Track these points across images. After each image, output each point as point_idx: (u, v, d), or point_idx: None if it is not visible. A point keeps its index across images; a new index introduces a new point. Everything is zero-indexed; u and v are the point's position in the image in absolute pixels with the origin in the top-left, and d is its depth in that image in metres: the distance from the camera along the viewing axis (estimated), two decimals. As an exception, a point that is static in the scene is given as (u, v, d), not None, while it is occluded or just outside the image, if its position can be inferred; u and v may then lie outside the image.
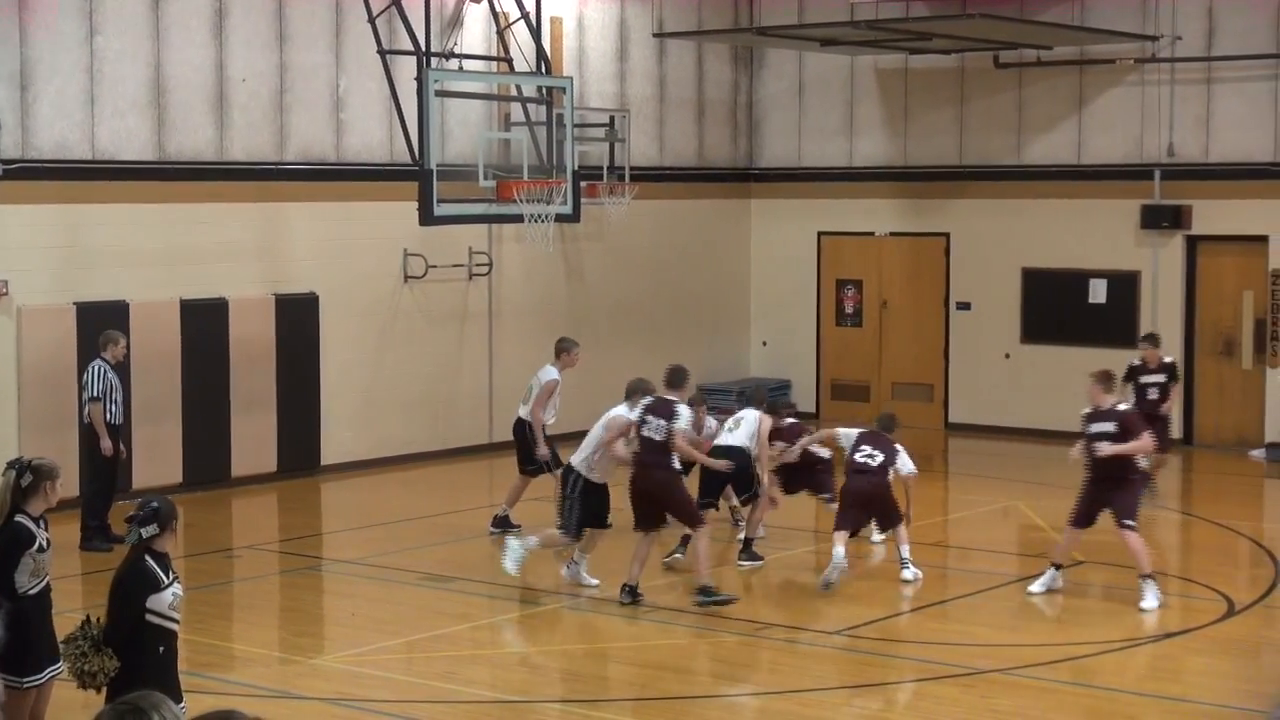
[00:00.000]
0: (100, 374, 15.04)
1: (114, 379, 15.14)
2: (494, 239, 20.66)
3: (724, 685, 11.27)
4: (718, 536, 14.83)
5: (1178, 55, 21.00)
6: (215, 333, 17.93)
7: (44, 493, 8.54)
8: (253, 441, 18.33)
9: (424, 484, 18.88)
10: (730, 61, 23.90)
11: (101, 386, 15.01)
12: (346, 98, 19.10)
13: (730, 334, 24.12)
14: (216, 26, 17.95)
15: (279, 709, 10.38)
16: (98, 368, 15.07)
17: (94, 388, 15.00)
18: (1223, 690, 11.00)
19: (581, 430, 21.72)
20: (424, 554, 15.02)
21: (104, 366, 15.08)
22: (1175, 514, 17.85)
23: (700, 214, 23.51)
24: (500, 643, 12.53)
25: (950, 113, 22.68)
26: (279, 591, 14.22)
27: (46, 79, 16.63)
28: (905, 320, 23.26)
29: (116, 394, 15.15)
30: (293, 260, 18.73)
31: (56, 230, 16.80)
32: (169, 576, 7.64)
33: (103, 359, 15.12)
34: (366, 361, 19.54)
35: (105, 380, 15.05)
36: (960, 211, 22.66)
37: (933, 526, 16.54)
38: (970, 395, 22.71)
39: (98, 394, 14.99)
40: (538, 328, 21.34)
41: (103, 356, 15.13)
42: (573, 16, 21.48)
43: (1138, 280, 21.45)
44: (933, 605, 13.34)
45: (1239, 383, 21.05)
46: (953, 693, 10.82)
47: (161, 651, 7.52)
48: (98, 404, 14.99)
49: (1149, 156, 21.32)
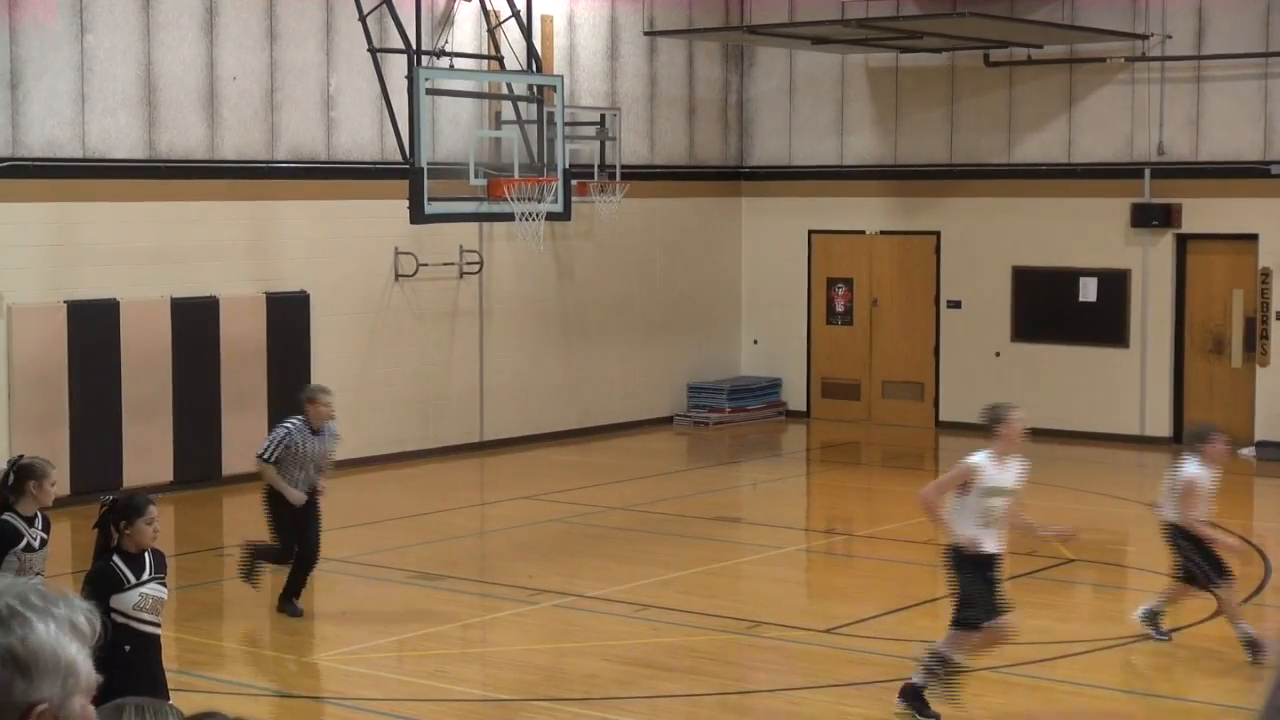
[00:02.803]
0: (283, 439, 12.57)
1: (302, 441, 12.55)
2: (485, 237, 20.65)
3: (714, 683, 11.27)
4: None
5: (1167, 54, 21.02)
6: (206, 331, 17.91)
7: (30, 492, 8.54)
8: (244, 440, 18.26)
9: (414, 482, 18.87)
10: (721, 60, 23.90)
11: (274, 451, 12.56)
12: (337, 96, 19.09)
13: (721, 332, 24.13)
14: (207, 24, 17.93)
15: (269, 707, 10.38)
16: (288, 432, 12.62)
17: (270, 449, 12.60)
18: (1212, 689, 11.02)
19: (571, 430, 21.89)
20: (414, 552, 15.02)
21: (295, 428, 12.61)
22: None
23: (691, 212, 23.51)
24: (490, 641, 12.53)
25: (941, 111, 22.70)
26: (269, 590, 14.21)
27: (36, 77, 16.61)
28: (896, 318, 23.27)
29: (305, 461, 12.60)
30: (283, 258, 18.71)
31: (47, 229, 16.78)
32: (140, 577, 7.62)
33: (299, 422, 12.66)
34: (357, 360, 19.53)
35: (290, 444, 12.56)
36: (951, 210, 22.68)
37: (923, 525, 16.54)
38: (961, 394, 22.71)
39: (269, 455, 12.57)
40: (529, 326, 21.36)
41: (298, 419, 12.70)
42: (563, 15, 21.47)
43: (1128, 279, 21.47)
44: (924, 603, 13.35)
45: (1229, 381, 21.08)
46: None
47: (128, 650, 7.49)
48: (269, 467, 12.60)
49: (1139, 155, 21.34)
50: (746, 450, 22.05)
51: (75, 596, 2.57)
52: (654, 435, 22.30)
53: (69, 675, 2.50)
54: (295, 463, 12.53)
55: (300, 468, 12.55)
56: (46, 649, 2.48)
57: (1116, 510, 17.43)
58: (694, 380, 23.45)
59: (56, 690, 2.49)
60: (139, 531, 7.68)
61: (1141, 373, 21.34)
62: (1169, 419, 21.19)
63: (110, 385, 17.10)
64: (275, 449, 12.51)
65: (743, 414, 23.20)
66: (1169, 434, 21.12)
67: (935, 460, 21.47)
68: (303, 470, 12.56)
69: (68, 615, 2.53)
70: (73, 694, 2.51)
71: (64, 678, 2.50)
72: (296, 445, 12.50)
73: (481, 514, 16.18)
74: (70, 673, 2.51)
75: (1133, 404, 21.39)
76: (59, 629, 2.50)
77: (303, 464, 12.55)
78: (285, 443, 12.49)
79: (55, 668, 2.49)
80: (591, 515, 16.70)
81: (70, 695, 2.51)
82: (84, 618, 2.55)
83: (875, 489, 19.59)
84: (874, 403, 23.40)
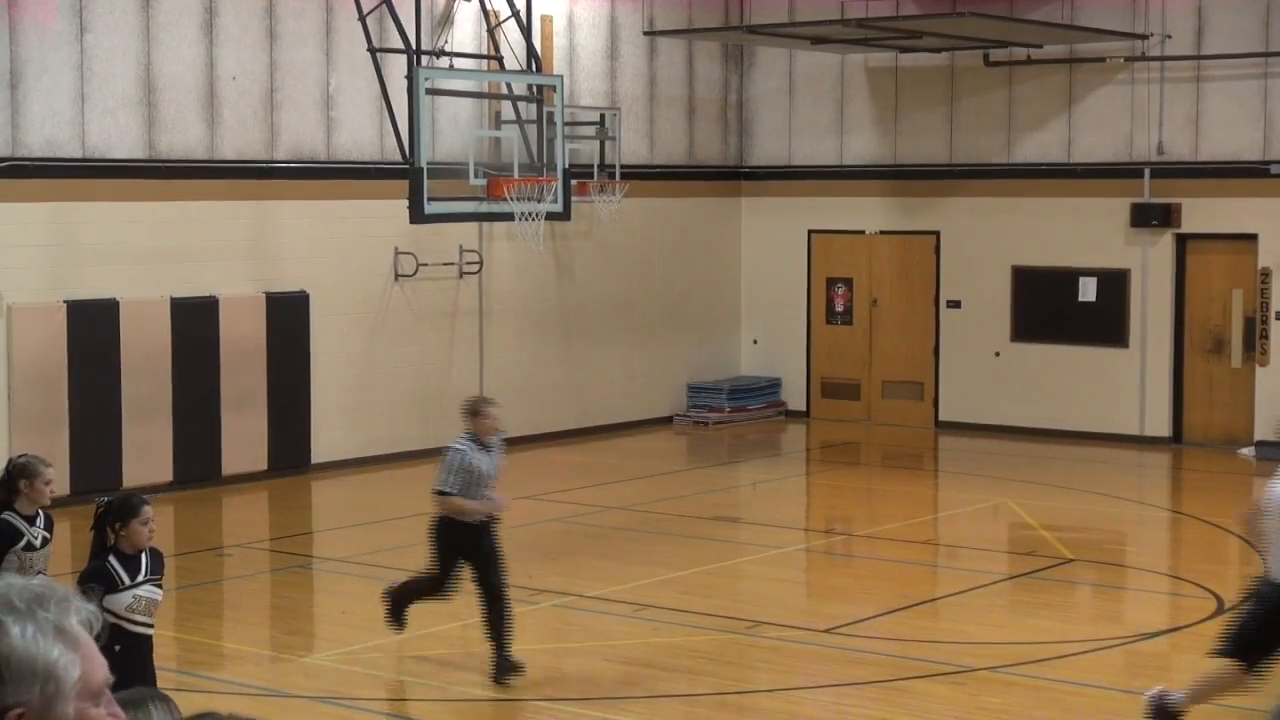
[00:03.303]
0: (460, 464, 11.11)
1: (474, 461, 11.10)
2: (484, 237, 20.65)
3: (714, 683, 11.27)
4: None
5: (1167, 54, 21.03)
6: (206, 331, 17.92)
7: (22, 491, 8.54)
8: (243, 440, 18.32)
9: (414, 482, 18.83)
10: (721, 60, 23.90)
11: (456, 478, 11.10)
12: (337, 96, 19.09)
13: (720, 332, 24.13)
14: (207, 24, 17.93)
15: (269, 708, 10.38)
16: (463, 454, 11.15)
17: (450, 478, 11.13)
18: (1212, 688, 11.01)
19: (571, 429, 21.88)
20: (414, 552, 14.98)
21: (468, 449, 11.16)
22: (1165, 512, 17.89)
23: (691, 212, 23.52)
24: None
25: (940, 111, 22.70)
26: (269, 590, 14.22)
27: (36, 77, 16.62)
28: (895, 318, 23.27)
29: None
30: (283, 258, 18.71)
31: (46, 228, 16.78)
32: (136, 578, 7.63)
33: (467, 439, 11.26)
34: (357, 360, 19.53)
35: (468, 466, 11.11)
36: (950, 210, 22.68)
37: (922, 524, 16.56)
38: (960, 393, 22.73)
39: (452, 487, 11.10)
40: (528, 326, 21.36)
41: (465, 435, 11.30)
42: (563, 15, 21.47)
43: (1127, 278, 21.47)
44: (923, 603, 13.36)
45: (1228, 381, 21.08)
46: (943, 690, 10.83)
47: (118, 650, 7.50)
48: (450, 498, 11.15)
49: (1139, 155, 21.34)
50: (746, 450, 22.05)
51: (77, 597, 2.54)
52: (654, 435, 22.30)
53: (49, 679, 2.45)
54: (473, 486, 11.14)
55: (478, 490, 11.16)
56: (19, 653, 2.44)
57: (1116, 510, 17.43)
58: (694, 380, 23.45)
59: (34, 695, 2.44)
60: (134, 532, 7.69)
61: (1141, 373, 21.34)
62: (1168, 419, 21.19)
63: (110, 385, 17.10)
64: (455, 477, 11.09)
65: (742, 414, 23.20)
66: (1168, 434, 21.15)
67: (935, 460, 21.48)
68: (479, 491, 11.17)
69: (54, 619, 2.48)
70: (55, 698, 2.46)
71: (43, 682, 2.45)
72: (474, 467, 11.13)
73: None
74: (50, 677, 2.45)
75: (1132, 404, 21.40)
76: (39, 633, 2.46)
77: (480, 485, 11.17)
78: (464, 467, 11.09)
79: (31, 672, 2.44)
80: (591, 515, 16.70)
81: (53, 700, 2.46)
82: (75, 620, 2.51)
83: (875, 489, 19.59)
84: (874, 403, 23.40)
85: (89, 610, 2.55)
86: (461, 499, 11.09)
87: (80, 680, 2.49)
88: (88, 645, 2.52)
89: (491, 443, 11.33)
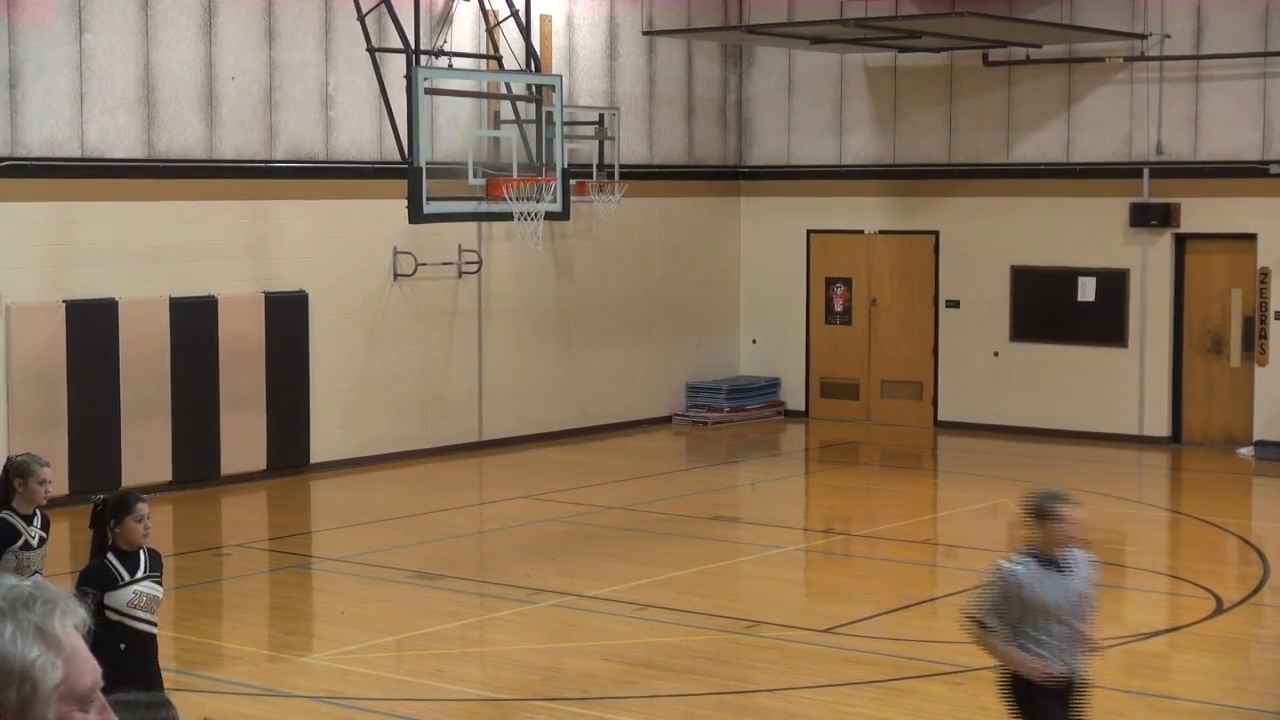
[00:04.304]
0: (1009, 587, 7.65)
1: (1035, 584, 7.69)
2: (483, 237, 20.65)
3: (713, 683, 11.27)
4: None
5: (1166, 54, 21.03)
6: (205, 331, 17.91)
7: (17, 490, 8.54)
8: (242, 439, 18.31)
9: (413, 482, 18.87)
10: (720, 59, 23.90)
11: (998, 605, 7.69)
12: (336, 95, 19.09)
13: (720, 332, 24.13)
14: (206, 24, 17.93)
15: (268, 707, 10.38)
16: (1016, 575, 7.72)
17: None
18: (1211, 688, 11.02)
19: (570, 429, 21.87)
20: (413, 552, 15.02)
21: (1026, 569, 7.71)
22: (1164, 511, 17.89)
23: (690, 212, 23.51)
24: (489, 641, 12.53)
25: (939, 111, 22.70)
26: (268, 590, 14.21)
27: (35, 76, 16.61)
28: (895, 318, 23.27)
29: None
30: (282, 258, 18.71)
31: (45, 228, 16.77)
32: (135, 575, 7.65)
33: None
34: (356, 359, 19.53)
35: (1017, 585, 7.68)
36: (949, 210, 22.68)
37: (922, 524, 16.56)
38: (959, 393, 22.73)
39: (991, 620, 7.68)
40: (528, 326, 21.36)
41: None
42: (562, 14, 21.47)
43: (1127, 278, 21.47)
44: (922, 603, 13.35)
45: (1227, 381, 21.08)
46: (942, 690, 10.83)
47: (123, 649, 7.52)
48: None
49: (1138, 155, 21.34)
50: (745, 450, 22.05)
51: (68, 600, 2.51)
52: (653, 435, 22.30)
53: (25, 681, 2.42)
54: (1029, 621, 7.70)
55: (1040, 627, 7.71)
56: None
57: (1115, 510, 17.42)
58: (693, 380, 23.45)
59: (9, 695, 2.42)
60: (129, 529, 7.72)
61: (1140, 372, 21.34)
62: (1168, 419, 21.20)
63: (109, 385, 17.10)
64: (994, 607, 7.67)
65: (741, 414, 23.20)
66: (1167, 434, 21.15)
67: (934, 460, 21.48)
68: (1043, 631, 7.71)
69: (38, 620, 2.44)
70: (31, 700, 2.42)
71: (19, 683, 2.41)
72: (1031, 589, 7.66)
73: (480, 514, 16.18)
74: (27, 679, 2.42)
75: (1131, 404, 21.40)
76: (19, 633, 2.43)
77: (1045, 620, 7.71)
78: (1016, 594, 7.63)
79: (6, 672, 2.42)
80: (590, 515, 16.70)
81: (29, 701, 2.42)
82: (61, 623, 2.46)
83: (874, 489, 19.59)
84: (873, 402, 23.40)
85: (80, 614, 2.50)
86: (1003, 644, 7.68)
87: (63, 684, 2.45)
88: (74, 649, 2.48)
89: (1072, 561, 7.89)
